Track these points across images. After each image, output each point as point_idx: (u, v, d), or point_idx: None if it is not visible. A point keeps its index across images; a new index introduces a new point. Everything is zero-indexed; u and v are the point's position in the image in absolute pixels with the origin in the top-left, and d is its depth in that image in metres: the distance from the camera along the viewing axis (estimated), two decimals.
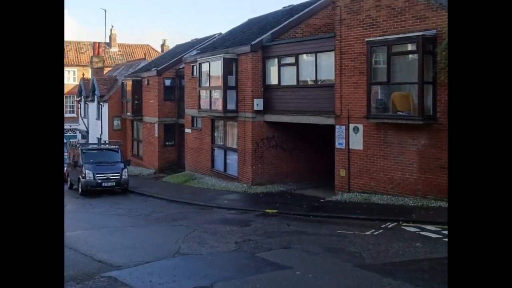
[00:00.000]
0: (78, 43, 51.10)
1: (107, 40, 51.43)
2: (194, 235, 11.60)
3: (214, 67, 21.23)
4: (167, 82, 28.44)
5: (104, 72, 40.34)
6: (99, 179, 20.73)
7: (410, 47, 14.12)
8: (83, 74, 42.82)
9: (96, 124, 35.54)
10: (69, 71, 47.81)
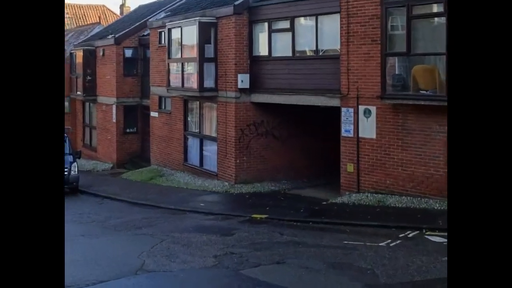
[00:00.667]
0: None
1: None
2: (162, 246, 11.62)
3: (187, 33, 21.15)
4: (128, 53, 28.52)
5: None
6: None
7: (436, 8, 14.13)
8: None
9: None
10: None
